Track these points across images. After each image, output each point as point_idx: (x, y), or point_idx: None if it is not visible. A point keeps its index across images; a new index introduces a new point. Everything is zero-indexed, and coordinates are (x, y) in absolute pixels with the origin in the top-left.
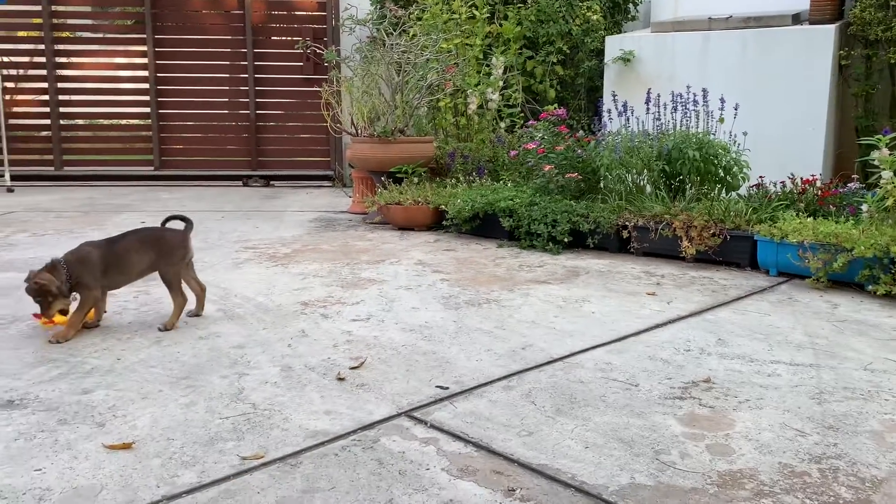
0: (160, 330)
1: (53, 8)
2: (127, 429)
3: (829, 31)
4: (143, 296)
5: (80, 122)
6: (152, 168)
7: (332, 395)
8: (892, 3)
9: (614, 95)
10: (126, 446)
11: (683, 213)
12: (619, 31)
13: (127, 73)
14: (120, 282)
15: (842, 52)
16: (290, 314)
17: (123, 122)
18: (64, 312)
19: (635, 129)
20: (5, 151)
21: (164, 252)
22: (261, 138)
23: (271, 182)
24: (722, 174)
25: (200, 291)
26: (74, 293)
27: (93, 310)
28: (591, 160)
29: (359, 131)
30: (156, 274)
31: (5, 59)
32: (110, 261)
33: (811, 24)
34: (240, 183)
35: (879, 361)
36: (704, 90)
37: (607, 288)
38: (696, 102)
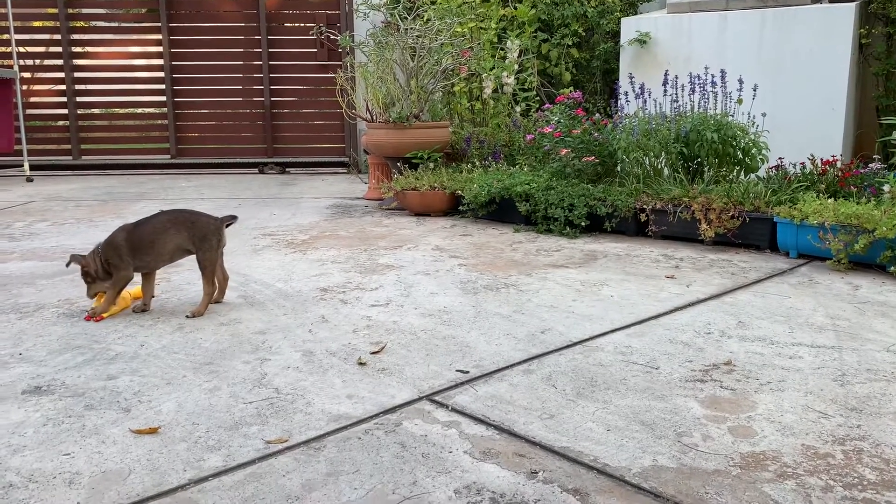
0: (188, 317)
1: None
2: (152, 414)
3: (849, 10)
4: (163, 283)
5: (97, 111)
6: (169, 156)
7: (354, 380)
8: None
9: (631, 77)
10: (152, 431)
11: (702, 195)
12: (635, 13)
13: (142, 61)
14: (151, 262)
15: (862, 30)
16: (309, 300)
17: (139, 110)
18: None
19: (652, 112)
20: (24, 141)
21: (197, 236)
22: (276, 125)
23: (287, 169)
24: (741, 156)
25: (223, 280)
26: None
27: (141, 292)
28: (608, 143)
29: (374, 117)
30: (178, 262)
31: (22, 49)
32: (137, 241)
33: (831, 2)
34: (255, 170)
35: None
36: (722, 71)
37: (626, 271)
38: (713, 84)
